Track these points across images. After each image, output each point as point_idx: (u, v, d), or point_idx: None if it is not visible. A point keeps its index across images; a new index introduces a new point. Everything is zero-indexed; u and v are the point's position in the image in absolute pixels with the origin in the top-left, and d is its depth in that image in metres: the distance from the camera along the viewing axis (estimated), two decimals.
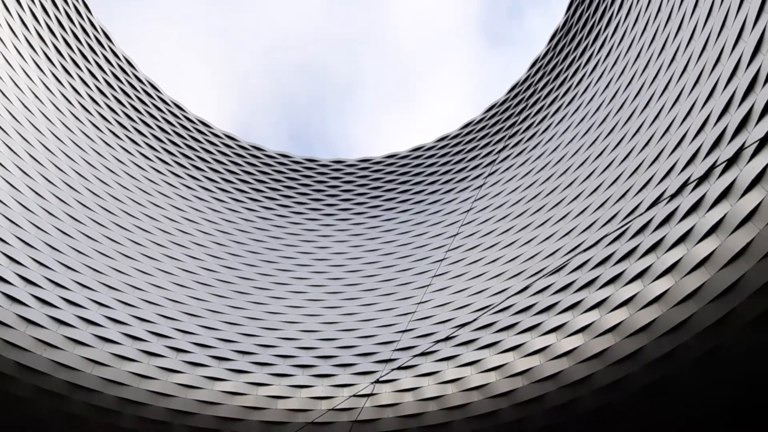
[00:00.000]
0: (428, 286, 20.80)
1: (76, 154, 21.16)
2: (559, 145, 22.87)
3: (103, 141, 23.62)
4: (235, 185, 28.72)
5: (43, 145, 19.44)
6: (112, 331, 16.97)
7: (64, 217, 18.60)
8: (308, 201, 29.50)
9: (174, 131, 28.29)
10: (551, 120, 24.86)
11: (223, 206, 26.80)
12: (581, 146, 20.88)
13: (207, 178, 27.90)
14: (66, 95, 22.32)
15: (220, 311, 20.28)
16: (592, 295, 15.16)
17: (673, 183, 14.17)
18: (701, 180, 12.92)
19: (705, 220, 12.43)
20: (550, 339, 15.58)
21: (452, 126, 46.35)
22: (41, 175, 18.60)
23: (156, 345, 17.43)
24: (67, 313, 16.12)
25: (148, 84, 27.91)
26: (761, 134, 10.99)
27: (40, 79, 21.01)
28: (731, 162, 11.96)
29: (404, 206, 28.78)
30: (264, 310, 21.27)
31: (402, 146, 50.32)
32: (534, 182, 22.54)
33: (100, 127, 23.92)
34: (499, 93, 45.63)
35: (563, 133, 23.14)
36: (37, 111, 19.92)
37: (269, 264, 24.40)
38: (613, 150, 18.44)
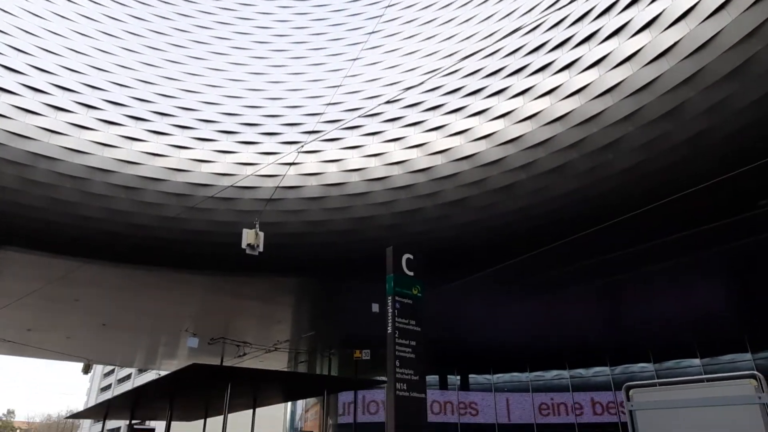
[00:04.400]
0: (358, 59, 19.91)
1: None
2: None
3: None
4: None
5: None
6: (9, 81, 15.46)
7: None
8: None
9: None
10: None
11: None
12: None
13: None
14: None
15: (133, 68, 18.68)
16: (520, 82, 15.34)
17: None
18: None
19: (641, 15, 12.22)
20: (473, 122, 16.08)
21: None
22: None
23: (62, 99, 16.20)
24: None
25: None
26: None
27: None
28: None
29: None
30: (183, 70, 19.84)
31: None
32: None
33: None
34: None
35: None
36: None
37: (187, 19, 21.99)
38: None
